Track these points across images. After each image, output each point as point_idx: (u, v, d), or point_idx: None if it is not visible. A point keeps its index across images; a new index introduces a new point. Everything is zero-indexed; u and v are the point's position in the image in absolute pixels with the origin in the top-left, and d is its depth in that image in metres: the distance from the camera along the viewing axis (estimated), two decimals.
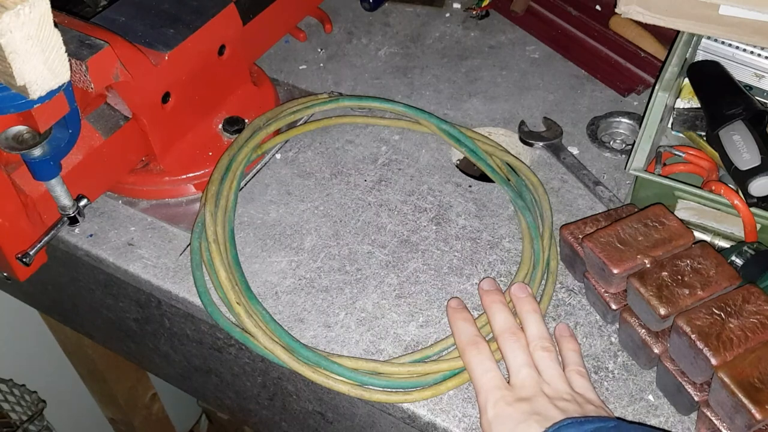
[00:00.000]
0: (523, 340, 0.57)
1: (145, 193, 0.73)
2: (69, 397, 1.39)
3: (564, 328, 0.61)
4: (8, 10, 0.43)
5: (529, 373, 0.55)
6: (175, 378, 0.92)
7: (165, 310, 0.73)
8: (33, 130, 0.56)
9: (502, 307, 0.59)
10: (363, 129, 0.81)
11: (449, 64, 0.89)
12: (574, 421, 0.49)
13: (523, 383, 0.54)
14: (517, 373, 0.55)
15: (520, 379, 0.55)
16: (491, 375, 0.55)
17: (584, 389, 0.55)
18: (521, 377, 0.55)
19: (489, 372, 0.55)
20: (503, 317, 0.59)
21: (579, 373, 0.57)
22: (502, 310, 0.59)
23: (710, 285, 0.56)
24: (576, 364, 0.58)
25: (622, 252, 0.58)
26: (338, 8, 0.97)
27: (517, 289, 0.61)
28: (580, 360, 0.58)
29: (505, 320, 0.58)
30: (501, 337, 0.58)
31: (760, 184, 0.64)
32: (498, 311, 0.59)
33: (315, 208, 0.73)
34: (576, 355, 0.58)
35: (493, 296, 0.61)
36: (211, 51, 0.71)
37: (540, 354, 0.56)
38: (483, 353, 0.56)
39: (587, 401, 0.54)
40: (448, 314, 0.61)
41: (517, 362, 0.56)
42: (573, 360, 0.58)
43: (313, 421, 0.74)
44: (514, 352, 0.56)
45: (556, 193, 0.74)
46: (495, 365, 0.56)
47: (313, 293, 0.66)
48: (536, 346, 0.57)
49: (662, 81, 0.70)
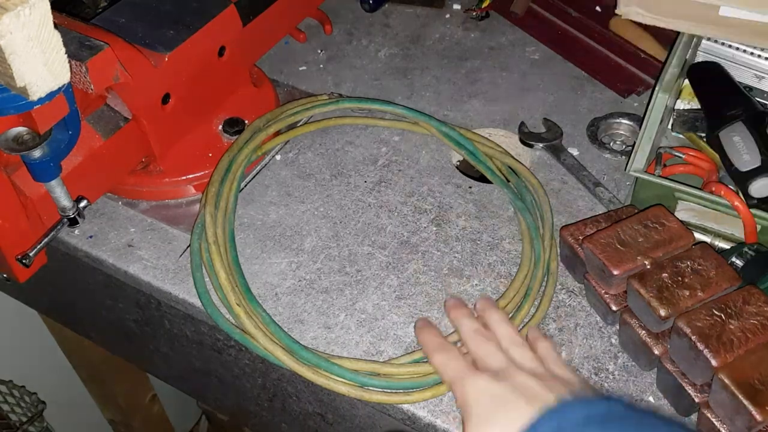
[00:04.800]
0: (493, 338, 0.53)
1: (145, 195, 0.73)
2: (69, 399, 1.39)
3: (533, 330, 0.57)
4: (8, 11, 0.43)
5: (503, 357, 0.50)
6: (174, 379, 0.92)
7: (165, 312, 0.73)
8: (33, 131, 0.56)
9: (469, 316, 0.56)
10: (363, 130, 0.81)
11: (449, 65, 0.89)
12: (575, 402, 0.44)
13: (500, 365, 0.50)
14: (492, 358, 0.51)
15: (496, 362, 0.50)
16: (462, 363, 0.50)
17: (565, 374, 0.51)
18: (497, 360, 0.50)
19: (458, 359, 0.51)
20: (469, 322, 0.55)
21: (558, 363, 0.52)
22: (469, 317, 0.55)
23: (710, 286, 0.56)
24: (553, 356, 0.53)
25: (622, 253, 0.58)
26: (338, 9, 0.97)
27: (482, 302, 0.58)
28: (556, 355, 0.53)
29: (472, 323, 0.55)
30: (470, 339, 0.53)
31: (760, 185, 0.64)
32: (465, 319, 0.55)
33: (315, 209, 0.73)
34: (551, 350, 0.54)
35: (460, 310, 0.57)
36: (211, 52, 0.71)
37: (514, 349, 0.52)
38: (451, 351, 0.52)
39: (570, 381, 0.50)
40: (416, 333, 0.58)
41: (491, 350, 0.51)
42: (550, 355, 0.53)
43: (313, 422, 0.74)
44: (485, 343, 0.52)
45: (556, 195, 0.74)
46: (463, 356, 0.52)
47: (313, 294, 0.66)
48: (509, 343, 0.52)
49: (662, 82, 0.70)
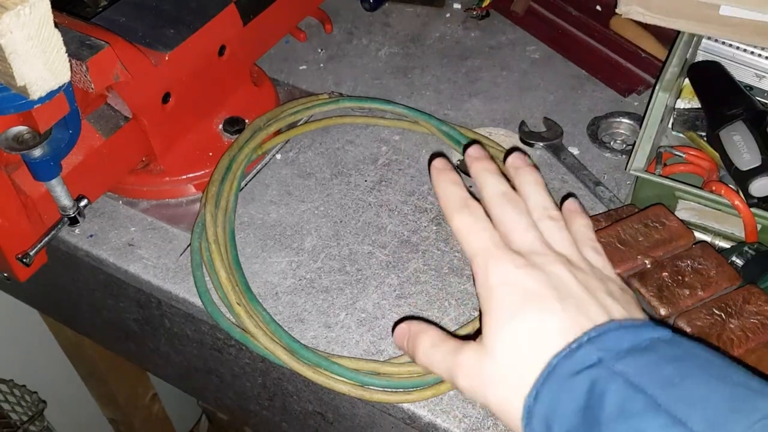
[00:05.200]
0: (522, 205, 0.44)
1: (146, 194, 0.73)
2: (69, 398, 1.39)
3: (572, 202, 0.49)
4: (8, 10, 0.43)
5: (536, 236, 0.42)
6: (175, 378, 0.92)
7: (165, 311, 0.73)
8: (33, 130, 0.56)
9: (495, 174, 0.46)
10: (363, 129, 0.81)
11: (449, 64, 0.89)
12: (619, 326, 0.37)
13: (532, 247, 0.41)
14: (522, 237, 0.42)
15: (527, 244, 0.42)
16: (489, 234, 0.42)
17: (603, 266, 0.44)
18: (528, 241, 0.42)
19: (485, 232, 0.42)
20: (496, 182, 0.45)
21: (594, 249, 0.45)
22: (495, 176, 0.46)
23: (711, 285, 0.56)
24: (590, 239, 0.46)
25: (622, 252, 0.58)
26: (338, 8, 0.97)
27: (515, 158, 0.48)
28: (593, 235, 0.46)
29: (499, 183, 0.45)
30: (496, 204, 0.44)
31: (760, 184, 0.64)
32: (490, 177, 0.46)
33: (315, 208, 0.73)
34: (589, 230, 0.47)
35: (484, 163, 0.47)
36: (212, 51, 0.71)
37: (546, 223, 0.44)
38: (476, 214, 0.43)
39: (609, 278, 0.43)
40: (432, 176, 0.47)
41: (520, 227, 0.42)
42: (587, 235, 0.46)
43: (313, 421, 0.74)
44: (514, 216, 0.43)
45: (556, 194, 0.74)
46: (492, 227, 0.43)
47: (313, 294, 0.66)
48: (541, 215, 0.44)
49: (663, 81, 0.70)
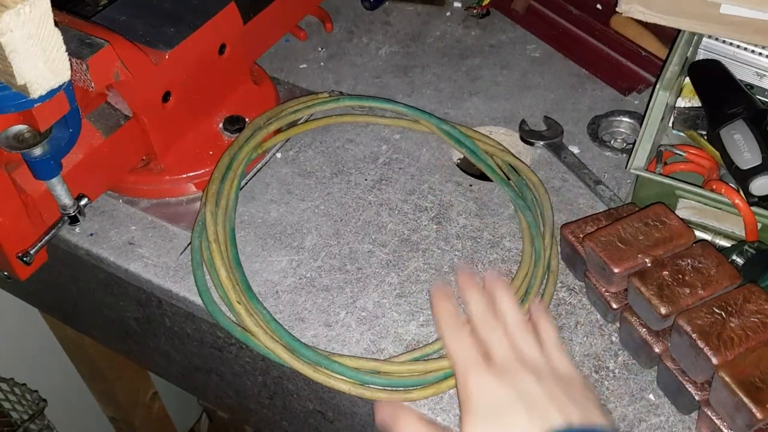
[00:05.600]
0: (500, 323, 0.56)
1: (146, 192, 0.73)
2: (70, 396, 1.39)
3: (536, 308, 0.58)
4: (9, 9, 0.43)
5: (509, 350, 0.54)
6: (175, 377, 0.92)
7: (166, 309, 0.73)
8: (33, 129, 0.56)
9: (477, 293, 0.57)
10: (363, 128, 0.81)
11: (450, 63, 0.89)
12: None
13: (504, 360, 0.53)
14: (497, 351, 0.54)
15: (500, 356, 0.53)
16: (470, 349, 0.53)
17: (565, 366, 0.54)
18: (501, 354, 0.53)
19: (468, 346, 0.54)
20: (478, 301, 0.57)
21: (558, 350, 0.55)
22: (477, 295, 0.57)
23: (711, 284, 0.56)
24: (553, 342, 0.56)
25: (622, 251, 0.58)
26: (339, 7, 0.97)
27: (490, 279, 0.59)
28: (556, 337, 0.56)
29: (480, 303, 0.57)
30: (477, 321, 0.56)
31: (761, 183, 0.64)
32: (473, 296, 0.57)
33: (315, 207, 0.73)
34: (552, 333, 0.56)
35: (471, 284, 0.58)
36: (212, 50, 0.71)
37: (518, 334, 0.55)
38: (462, 331, 0.55)
39: (570, 381, 0.53)
40: (431, 296, 0.58)
41: (496, 342, 0.54)
42: (551, 339, 0.56)
43: (313, 420, 0.74)
44: (493, 334, 0.55)
45: (556, 193, 0.74)
46: (474, 343, 0.54)
47: (313, 292, 0.66)
48: (513, 329, 0.55)
49: (663, 80, 0.70)
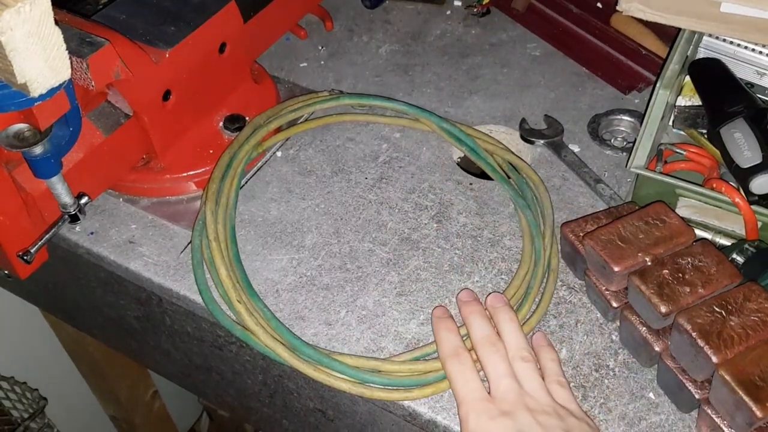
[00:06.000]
0: (502, 350, 0.57)
1: (146, 191, 0.73)
2: (70, 395, 1.39)
3: (541, 337, 0.61)
4: (9, 7, 0.43)
5: (510, 384, 0.55)
6: (176, 376, 0.92)
7: (166, 308, 0.73)
8: (34, 127, 0.56)
9: (480, 317, 0.60)
10: (364, 127, 0.81)
11: (450, 61, 0.89)
12: None
13: (505, 395, 0.54)
14: (498, 383, 0.55)
15: (501, 390, 0.55)
16: (473, 386, 0.55)
17: (565, 400, 0.56)
18: (502, 388, 0.55)
19: (470, 382, 0.55)
20: (481, 326, 0.59)
21: (559, 383, 0.57)
22: (480, 319, 0.59)
23: (711, 283, 0.56)
24: (556, 374, 0.58)
25: (623, 250, 0.58)
26: (339, 6, 0.97)
27: (493, 299, 0.62)
28: (559, 369, 0.58)
29: (483, 329, 0.59)
30: (480, 347, 0.58)
31: (761, 181, 0.64)
32: (476, 320, 0.59)
33: (316, 205, 0.73)
34: (555, 364, 0.58)
35: (472, 306, 0.61)
36: (212, 49, 0.71)
37: (520, 364, 0.56)
38: (465, 364, 0.56)
39: (569, 413, 0.54)
40: (433, 323, 0.61)
41: (498, 372, 0.56)
42: (553, 370, 0.58)
43: (313, 418, 0.74)
44: (495, 362, 0.56)
45: (557, 191, 0.74)
46: (477, 376, 0.56)
47: (314, 291, 0.66)
48: (515, 356, 0.57)
49: (663, 78, 0.70)
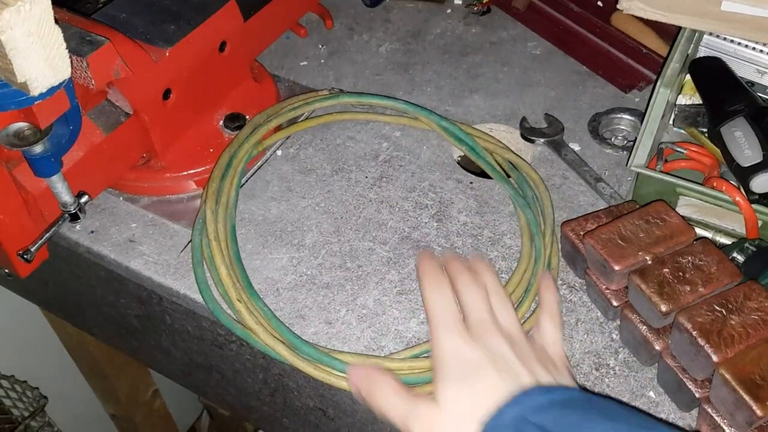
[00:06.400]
0: (482, 287, 0.55)
1: (146, 190, 0.73)
2: (70, 394, 1.39)
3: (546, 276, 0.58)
4: (9, 6, 0.43)
5: (486, 309, 0.53)
6: (176, 374, 0.92)
7: (166, 307, 0.73)
8: (34, 126, 0.56)
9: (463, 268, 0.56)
10: (364, 125, 0.81)
11: (450, 60, 0.89)
12: (540, 389, 0.46)
13: (478, 321, 0.52)
14: (472, 309, 0.53)
15: (474, 317, 0.52)
16: (447, 306, 0.52)
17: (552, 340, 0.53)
18: (476, 314, 0.53)
19: (446, 303, 0.53)
20: (461, 267, 0.56)
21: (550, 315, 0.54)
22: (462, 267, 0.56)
23: (711, 282, 0.56)
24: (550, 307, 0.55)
25: (623, 249, 0.58)
26: (339, 4, 0.97)
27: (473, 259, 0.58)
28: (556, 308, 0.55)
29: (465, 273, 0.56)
30: (460, 282, 0.55)
31: (761, 180, 0.64)
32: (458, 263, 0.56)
33: (316, 204, 0.73)
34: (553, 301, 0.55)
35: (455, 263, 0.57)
36: (212, 47, 0.71)
37: (497, 299, 0.54)
38: (443, 290, 0.53)
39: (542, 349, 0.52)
40: (417, 259, 0.58)
41: (474, 300, 0.53)
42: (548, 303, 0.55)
43: (314, 417, 0.74)
44: (472, 292, 0.54)
45: (557, 190, 0.74)
46: (453, 301, 0.53)
47: (314, 290, 0.66)
48: (492, 293, 0.55)
49: (664, 77, 0.70)
